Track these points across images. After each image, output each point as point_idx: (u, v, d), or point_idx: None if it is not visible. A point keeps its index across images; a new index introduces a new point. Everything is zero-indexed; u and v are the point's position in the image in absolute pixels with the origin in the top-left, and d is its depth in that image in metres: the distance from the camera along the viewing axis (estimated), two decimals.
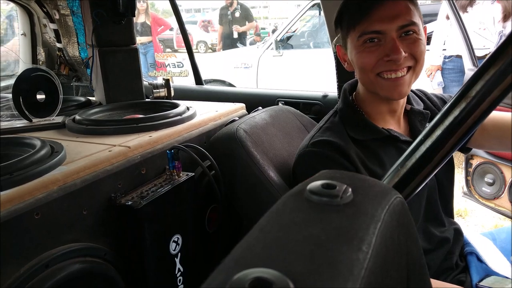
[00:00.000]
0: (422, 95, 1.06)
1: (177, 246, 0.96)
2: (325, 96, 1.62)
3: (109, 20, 1.31)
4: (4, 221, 0.66)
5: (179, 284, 0.96)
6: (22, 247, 0.69)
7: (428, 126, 0.61)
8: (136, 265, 0.88)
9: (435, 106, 1.04)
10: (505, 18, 2.93)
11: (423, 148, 0.60)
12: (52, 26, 1.85)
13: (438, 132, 0.58)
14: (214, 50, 11.53)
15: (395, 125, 0.99)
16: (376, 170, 0.94)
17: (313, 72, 3.83)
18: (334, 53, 1.45)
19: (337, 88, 1.46)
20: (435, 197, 0.99)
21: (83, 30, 1.82)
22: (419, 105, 1.01)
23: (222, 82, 3.85)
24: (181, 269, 0.97)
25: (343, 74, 1.43)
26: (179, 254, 0.96)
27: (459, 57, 3.12)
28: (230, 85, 3.95)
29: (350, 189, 0.40)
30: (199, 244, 1.06)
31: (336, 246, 0.32)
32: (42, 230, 0.72)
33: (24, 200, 0.70)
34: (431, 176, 0.62)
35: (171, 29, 7.62)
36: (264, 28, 13.36)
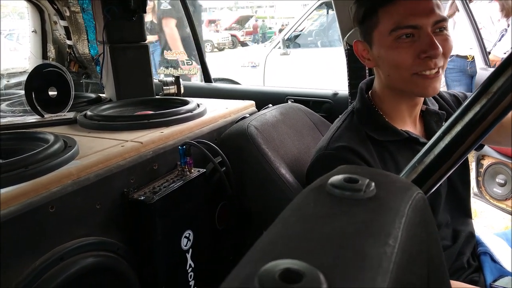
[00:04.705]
0: (436, 95, 1.05)
1: (189, 242, 0.95)
2: (335, 94, 1.61)
3: (120, 16, 1.31)
4: (20, 214, 0.66)
5: (189, 279, 0.96)
6: (37, 240, 0.69)
7: (447, 122, 0.60)
8: (148, 260, 0.88)
9: (448, 104, 1.03)
10: (507, 15, 2.90)
11: (442, 145, 0.59)
12: (63, 23, 1.86)
13: (457, 128, 0.57)
14: (220, 50, 11.53)
15: (412, 126, 0.98)
16: (391, 172, 0.93)
17: (321, 71, 3.81)
18: (345, 50, 1.44)
19: (348, 86, 1.45)
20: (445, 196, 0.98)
21: (93, 27, 1.83)
22: (434, 106, 1.00)
23: (230, 81, 3.85)
24: (192, 265, 0.97)
25: (354, 72, 1.42)
26: (191, 250, 0.96)
27: (459, 57, 3.11)
28: (238, 84, 3.96)
29: (373, 184, 0.39)
30: (209, 240, 1.06)
31: (362, 239, 0.32)
32: (57, 223, 0.72)
33: (39, 194, 0.70)
34: (449, 173, 0.61)
35: None
36: (270, 28, 13.34)
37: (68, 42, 1.91)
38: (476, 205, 2.35)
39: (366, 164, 0.91)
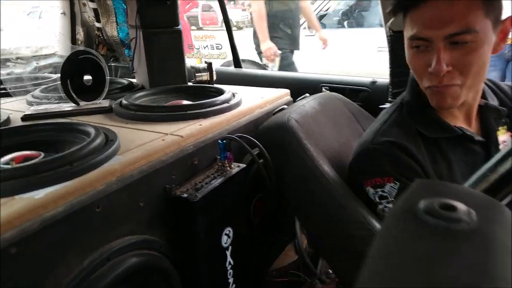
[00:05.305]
0: (495, 87, 0.97)
1: (228, 239, 0.94)
2: (373, 82, 1.54)
3: (154, 0, 1.26)
4: (67, 214, 0.64)
5: (229, 277, 0.95)
6: (84, 240, 0.68)
7: None
8: (189, 257, 0.86)
9: (508, 98, 0.95)
10: None
11: None
12: (92, 5, 1.83)
13: None
14: (239, 28, 11.33)
15: (464, 122, 0.92)
16: (442, 172, 0.88)
17: (348, 53, 3.69)
18: (387, 36, 1.36)
19: (390, 74, 1.38)
20: None
21: (122, 10, 1.79)
22: (493, 100, 0.93)
23: (253, 63, 3.76)
24: (232, 262, 0.95)
25: (397, 60, 1.35)
26: (230, 247, 0.94)
27: None
28: (261, 66, 3.87)
29: (473, 213, 0.35)
30: (247, 236, 1.04)
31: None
32: (102, 222, 0.71)
33: (86, 192, 0.69)
34: None
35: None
36: None
37: (97, 24, 1.88)
38: None
39: (414, 161, 0.86)
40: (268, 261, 1.30)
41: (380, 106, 1.34)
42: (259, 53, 3.08)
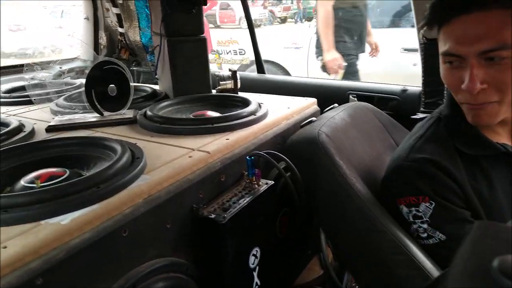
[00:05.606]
0: None
1: (256, 259, 0.90)
2: (404, 91, 1.48)
3: (179, 8, 1.23)
4: (94, 241, 0.61)
5: None
6: (110, 266, 0.65)
7: None
8: (216, 279, 0.83)
9: None
10: None
11: None
12: (115, 10, 1.82)
13: None
14: (257, 26, 11.28)
15: (507, 138, 0.86)
16: (483, 191, 0.82)
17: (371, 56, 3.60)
18: (420, 44, 1.30)
19: (422, 83, 1.32)
20: None
21: (145, 15, 1.78)
22: None
23: (274, 64, 3.71)
24: (258, 282, 0.92)
25: (430, 68, 1.28)
26: (257, 267, 0.90)
27: None
28: (283, 68, 3.80)
29: None
30: (273, 254, 1.00)
31: None
32: (129, 247, 0.68)
33: (112, 217, 0.66)
34: None
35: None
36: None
37: (120, 29, 1.88)
38: None
39: (451, 180, 0.81)
40: (292, 277, 1.26)
41: (412, 117, 1.28)
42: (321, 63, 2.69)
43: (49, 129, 1.09)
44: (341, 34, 2.60)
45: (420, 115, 1.29)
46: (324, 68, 2.63)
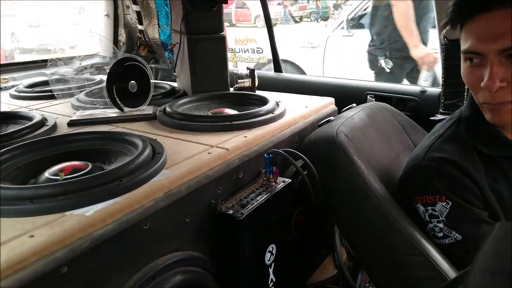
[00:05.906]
0: None
1: (272, 256, 0.91)
2: (423, 92, 1.46)
3: (201, 6, 1.24)
4: (116, 233, 0.63)
5: None
6: (130, 258, 0.66)
7: None
8: (232, 274, 0.84)
9: None
10: None
11: None
12: (135, 8, 1.85)
13: None
14: (273, 25, 11.25)
15: None
16: (503, 192, 0.82)
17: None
18: (441, 45, 1.28)
19: (442, 85, 1.30)
20: None
21: (164, 13, 1.80)
22: None
23: (290, 64, 3.70)
24: (274, 279, 0.92)
25: (451, 70, 1.27)
26: (273, 264, 0.91)
27: None
28: (299, 68, 3.79)
29: None
30: (289, 252, 1.00)
31: None
32: (150, 240, 0.69)
33: (134, 209, 0.67)
34: None
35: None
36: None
37: (140, 27, 1.90)
38: None
39: (470, 180, 0.81)
40: (306, 275, 1.26)
41: (431, 118, 1.27)
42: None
43: (71, 124, 1.11)
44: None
45: (439, 117, 1.27)
46: (409, 74, 2.48)
